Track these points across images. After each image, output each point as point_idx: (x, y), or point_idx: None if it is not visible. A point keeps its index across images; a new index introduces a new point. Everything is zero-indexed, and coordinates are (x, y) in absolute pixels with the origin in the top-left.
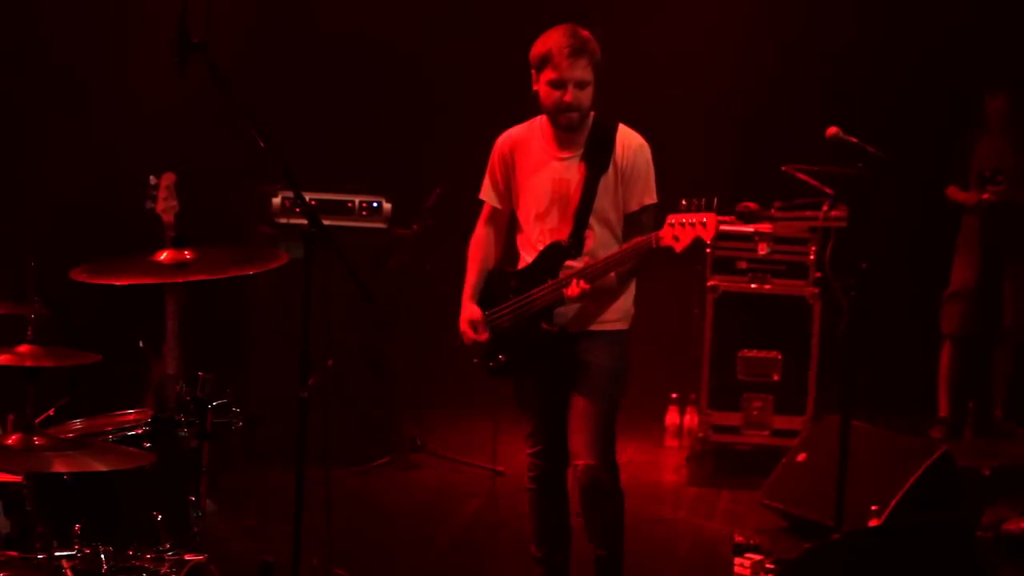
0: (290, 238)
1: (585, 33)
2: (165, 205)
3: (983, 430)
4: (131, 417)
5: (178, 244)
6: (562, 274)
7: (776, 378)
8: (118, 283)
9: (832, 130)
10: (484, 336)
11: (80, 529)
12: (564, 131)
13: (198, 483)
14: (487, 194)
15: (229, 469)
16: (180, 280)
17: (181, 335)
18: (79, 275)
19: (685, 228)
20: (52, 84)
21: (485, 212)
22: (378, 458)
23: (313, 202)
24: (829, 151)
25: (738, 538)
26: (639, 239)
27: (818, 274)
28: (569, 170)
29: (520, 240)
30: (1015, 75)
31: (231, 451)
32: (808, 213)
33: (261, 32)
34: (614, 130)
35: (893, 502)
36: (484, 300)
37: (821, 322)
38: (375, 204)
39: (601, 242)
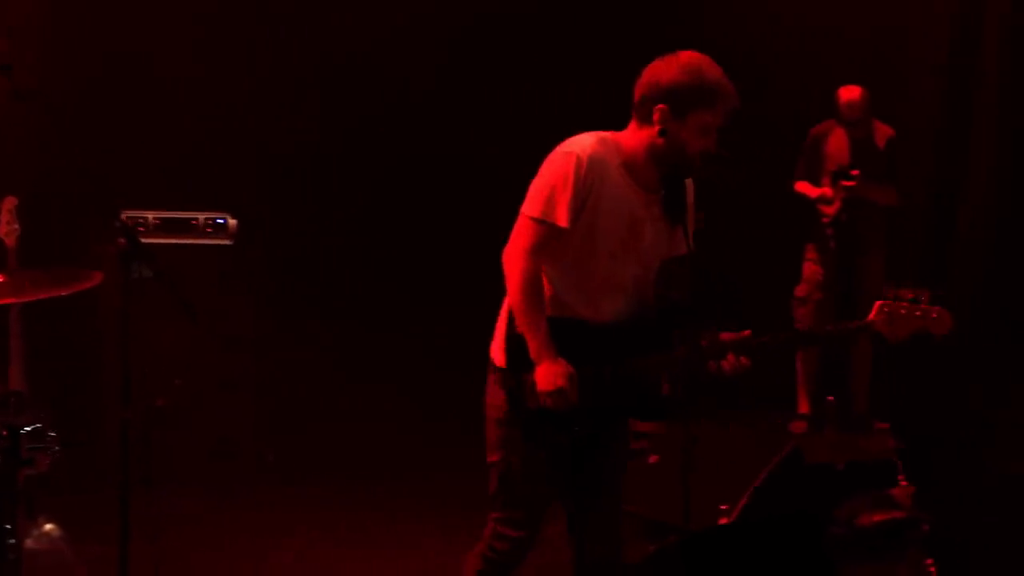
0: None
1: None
2: (7, 229)
3: (843, 425)
4: None
5: None
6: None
7: None
8: None
9: None
10: (576, 399)
11: None
12: (668, 173)
13: (13, 510)
14: (558, 214)
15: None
16: None
17: (26, 354)
18: None
19: (909, 320)
20: None
21: (542, 235)
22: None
23: (157, 220)
24: None
25: None
26: (851, 324)
27: None
28: (646, 207)
29: (571, 279)
30: (866, 69)
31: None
32: None
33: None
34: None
35: (743, 500)
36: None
37: None
38: (220, 220)
39: None
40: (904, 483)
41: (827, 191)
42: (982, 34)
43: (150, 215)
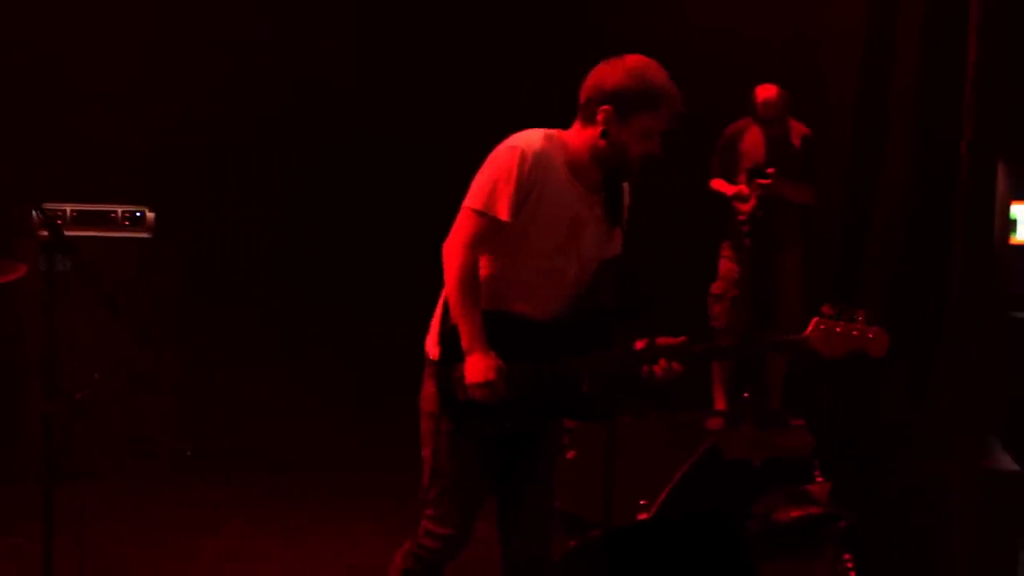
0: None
1: None
2: None
3: (759, 422)
4: None
5: None
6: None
7: None
8: None
9: None
10: (504, 391)
11: None
12: (608, 173)
13: None
14: (499, 207)
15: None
16: None
17: None
18: None
19: (846, 338)
20: None
21: (481, 228)
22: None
23: (74, 213)
24: None
25: None
26: (786, 338)
27: None
28: (588, 208)
29: (511, 274)
30: (783, 68)
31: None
32: None
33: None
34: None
35: (661, 496)
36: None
37: None
38: (138, 214)
39: None
40: (820, 479)
41: (743, 189)
42: (896, 35)
43: (68, 208)
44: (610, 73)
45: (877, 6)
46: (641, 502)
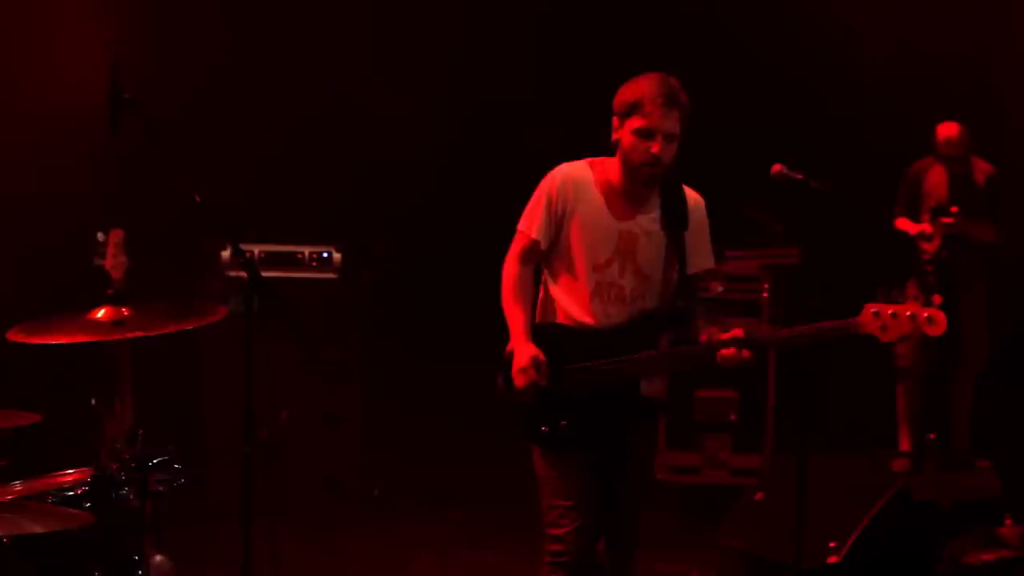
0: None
1: (677, 84)
2: (114, 262)
3: (944, 463)
4: (71, 478)
5: (116, 301)
6: (661, 342)
7: (733, 417)
8: (54, 342)
9: (776, 167)
10: (544, 381)
11: None
12: (641, 186)
13: (141, 542)
14: (532, 227)
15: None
16: (117, 337)
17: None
18: (15, 336)
19: (901, 320)
20: None
21: (523, 246)
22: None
23: (262, 254)
24: (775, 188)
25: None
26: (837, 323)
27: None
28: (640, 225)
29: (566, 288)
30: (967, 105)
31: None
32: (761, 251)
33: (209, 84)
34: (680, 186)
35: (851, 538)
36: (545, 353)
37: (776, 360)
38: (325, 254)
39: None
40: (1009, 522)
41: (927, 228)
42: None
43: (256, 248)
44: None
45: None
46: (830, 544)
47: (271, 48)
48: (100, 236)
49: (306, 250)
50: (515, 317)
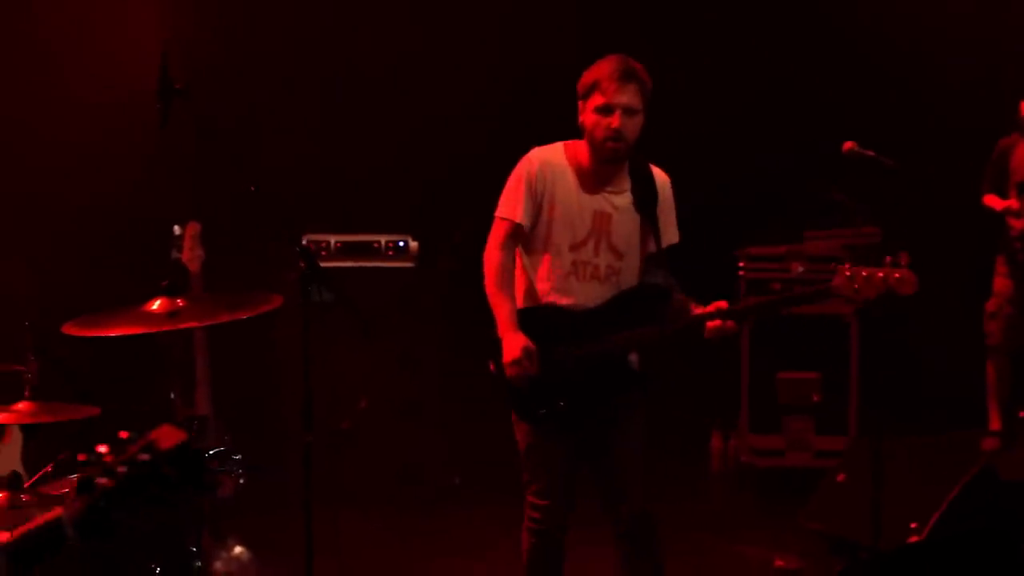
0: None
1: (636, 64)
2: (191, 255)
3: None
4: None
5: (171, 292)
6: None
7: (816, 399)
8: (109, 334)
9: (848, 145)
10: (536, 370)
11: None
12: (607, 163)
13: (199, 533)
14: (515, 211)
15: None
16: (170, 328)
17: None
18: (70, 328)
19: (872, 281)
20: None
21: (506, 232)
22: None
23: (339, 244)
24: (847, 166)
25: (779, 562)
26: (811, 288)
27: None
28: (612, 204)
29: (543, 270)
30: None
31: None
32: (842, 231)
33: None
34: (648, 165)
35: (933, 518)
36: (532, 337)
37: (859, 341)
38: (401, 243)
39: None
40: None
41: (1013, 203)
42: None
43: (332, 239)
44: None
45: None
46: (912, 525)
47: (348, 40)
48: (177, 230)
49: (383, 239)
50: (501, 305)
